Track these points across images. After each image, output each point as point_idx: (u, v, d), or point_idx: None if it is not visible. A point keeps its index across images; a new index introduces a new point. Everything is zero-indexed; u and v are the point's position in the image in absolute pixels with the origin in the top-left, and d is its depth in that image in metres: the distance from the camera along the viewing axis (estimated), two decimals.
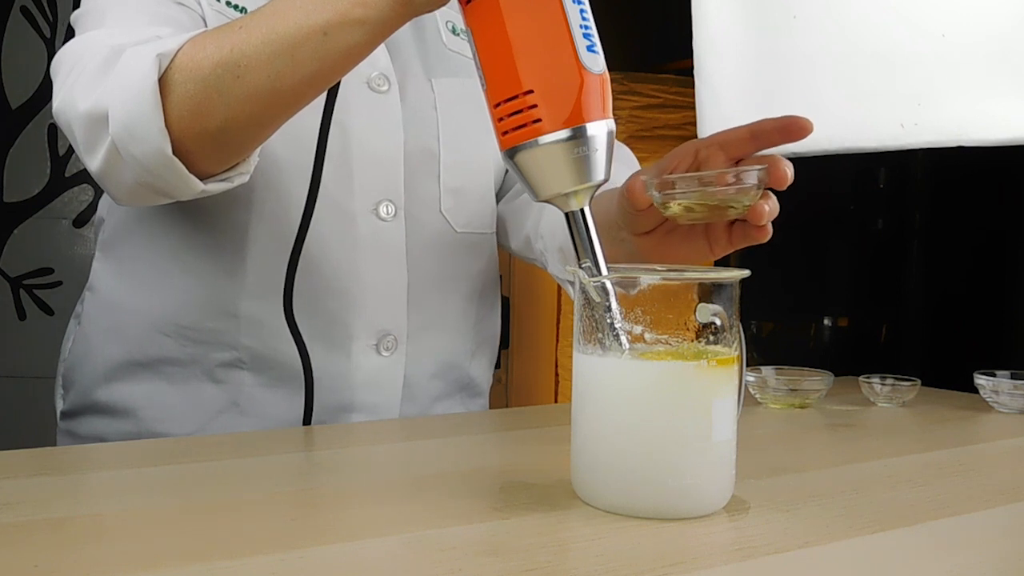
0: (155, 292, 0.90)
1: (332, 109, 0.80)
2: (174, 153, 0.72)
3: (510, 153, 0.59)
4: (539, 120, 0.57)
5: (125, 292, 0.92)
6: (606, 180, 0.59)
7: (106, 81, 0.73)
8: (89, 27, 0.81)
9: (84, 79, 0.74)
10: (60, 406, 0.97)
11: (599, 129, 0.58)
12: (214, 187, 0.76)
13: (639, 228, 0.79)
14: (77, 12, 0.84)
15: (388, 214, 0.90)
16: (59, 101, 0.76)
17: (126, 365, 0.91)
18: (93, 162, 0.75)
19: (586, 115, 0.57)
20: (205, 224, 0.88)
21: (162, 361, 0.90)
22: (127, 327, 0.91)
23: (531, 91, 0.57)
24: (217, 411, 0.89)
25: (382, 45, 0.89)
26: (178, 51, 0.71)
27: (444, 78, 0.95)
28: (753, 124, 0.73)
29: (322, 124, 0.80)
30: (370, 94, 0.90)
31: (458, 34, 0.99)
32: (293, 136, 0.83)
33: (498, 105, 0.58)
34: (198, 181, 0.74)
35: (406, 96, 0.92)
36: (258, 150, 0.78)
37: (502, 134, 0.59)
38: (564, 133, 0.57)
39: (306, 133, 0.81)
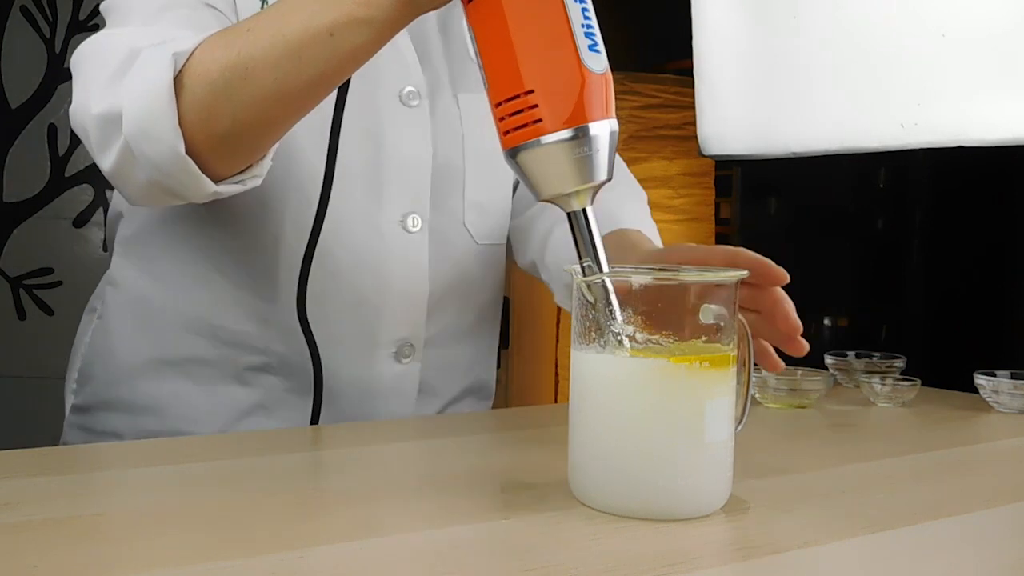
0: (188, 291, 0.89)
1: (340, 122, 0.80)
2: (187, 153, 0.72)
3: (512, 153, 0.59)
4: (540, 120, 0.57)
5: (154, 289, 0.91)
6: (608, 180, 0.59)
7: (122, 83, 0.73)
8: (115, 23, 0.81)
9: (101, 81, 0.74)
10: (72, 400, 0.96)
11: (601, 129, 0.57)
12: (226, 189, 0.76)
13: None
14: (107, 2, 0.83)
15: (415, 227, 0.91)
16: (75, 104, 0.76)
17: (153, 363, 0.90)
18: (106, 161, 0.75)
19: (588, 115, 0.57)
20: (238, 230, 0.88)
21: (191, 361, 0.89)
22: (157, 324, 0.90)
23: (532, 91, 0.57)
24: (244, 412, 0.89)
25: (415, 58, 0.91)
26: (193, 52, 0.71)
27: (468, 93, 0.96)
28: (729, 254, 0.76)
29: (331, 137, 0.80)
30: (402, 108, 0.90)
31: None
32: (325, 147, 0.82)
33: (499, 104, 0.58)
34: (210, 182, 0.74)
35: (435, 111, 0.93)
36: (271, 154, 0.78)
37: (504, 134, 0.59)
38: (566, 133, 0.57)
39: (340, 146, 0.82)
